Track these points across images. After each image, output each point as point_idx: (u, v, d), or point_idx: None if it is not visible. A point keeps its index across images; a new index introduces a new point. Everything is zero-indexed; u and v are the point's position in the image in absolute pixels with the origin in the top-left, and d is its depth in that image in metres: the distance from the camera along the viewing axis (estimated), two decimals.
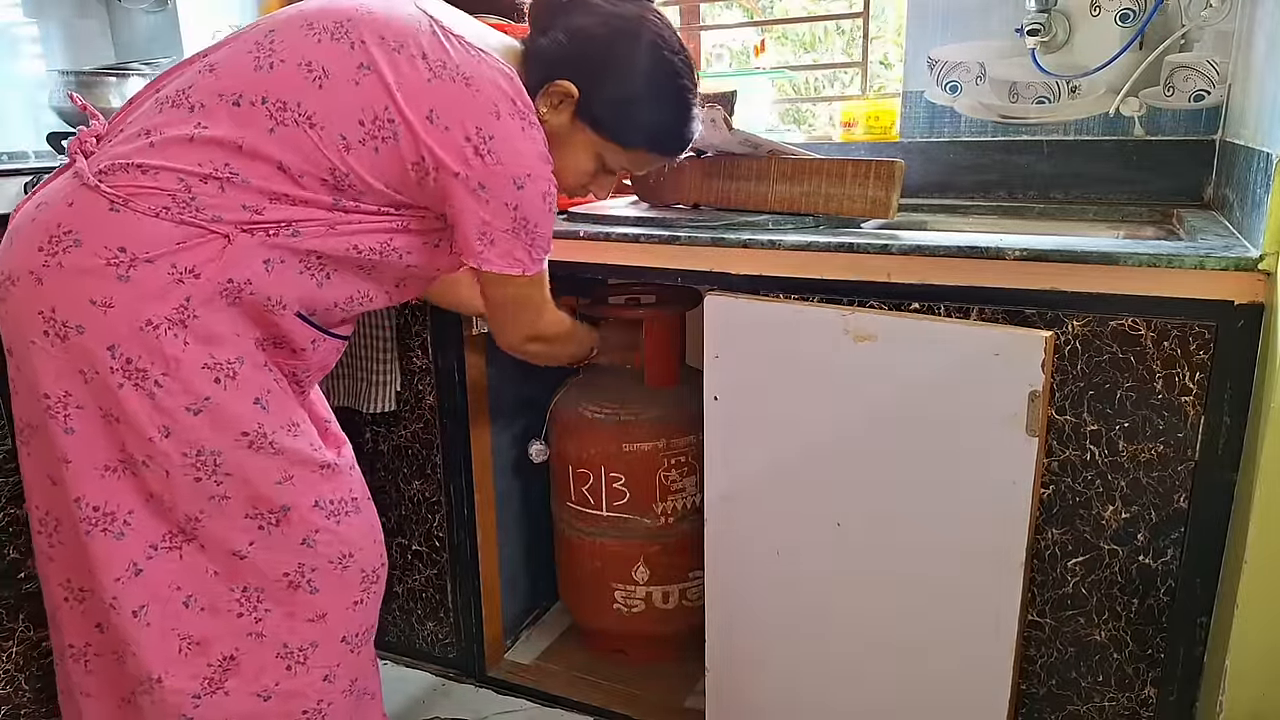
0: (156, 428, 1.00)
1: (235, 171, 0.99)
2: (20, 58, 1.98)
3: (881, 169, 1.32)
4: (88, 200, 0.97)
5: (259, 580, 1.09)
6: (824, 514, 1.26)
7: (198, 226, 0.98)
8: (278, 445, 1.06)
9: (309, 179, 1.01)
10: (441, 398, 1.58)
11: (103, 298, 0.96)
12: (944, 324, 1.14)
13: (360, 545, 1.15)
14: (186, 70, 1.07)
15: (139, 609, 1.04)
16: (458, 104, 1.01)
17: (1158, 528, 1.14)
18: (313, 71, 1.00)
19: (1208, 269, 1.03)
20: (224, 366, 1.01)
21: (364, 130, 1.00)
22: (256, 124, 0.99)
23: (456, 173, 1.02)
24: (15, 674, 1.36)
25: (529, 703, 1.69)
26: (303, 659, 1.12)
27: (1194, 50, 1.51)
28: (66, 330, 0.97)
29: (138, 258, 0.96)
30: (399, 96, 1.00)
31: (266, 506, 1.07)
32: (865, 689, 1.30)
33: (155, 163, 0.98)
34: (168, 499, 1.03)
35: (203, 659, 1.07)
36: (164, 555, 1.05)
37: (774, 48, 2.15)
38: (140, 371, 0.98)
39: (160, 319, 0.97)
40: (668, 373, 1.63)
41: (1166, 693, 1.18)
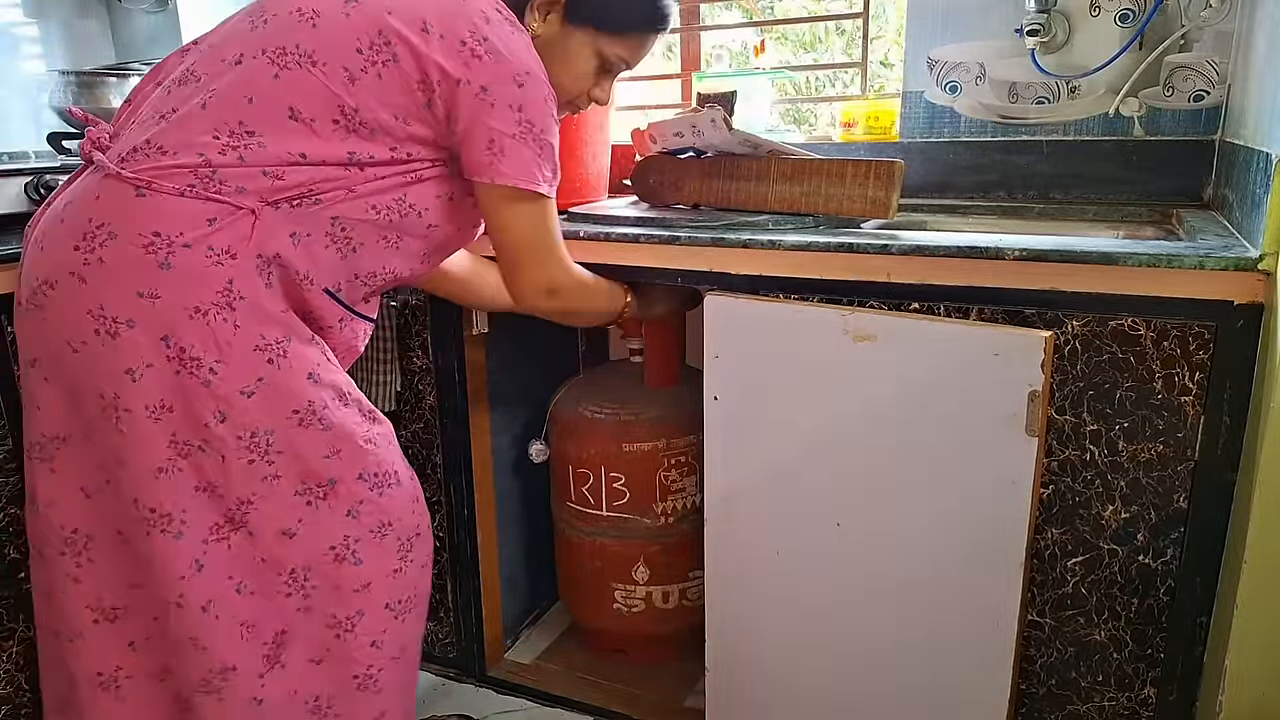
0: (212, 413, 1.00)
1: (250, 130, 1.00)
2: (20, 58, 1.98)
3: (881, 169, 1.32)
4: (113, 190, 0.98)
5: (305, 559, 1.09)
6: (824, 514, 1.26)
7: (223, 202, 0.98)
8: (326, 420, 1.07)
9: (320, 122, 1.02)
10: (441, 398, 1.58)
11: (149, 289, 0.96)
12: (944, 324, 1.15)
13: (399, 515, 1.16)
14: (186, 57, 1.10)
15: (207, 604, 1.05)
16: (448, 12, 1.04)
17: (1158, 528, 1.14)
18: (304, 15, 1.04)
19: (1207, 269, 1.03)
20: (274, 346, 1.02)
21: (364, 58, 1.02)
22: (261, 73, 1.01)
23: (458, 79, 1.04)
24: (15, 674, 1.36)
25: (529, 703, 1.70)
26: (350, 626, 1.13)
27: (1194, 50, 1.51)
28: (117, 326, 0.96)
29: (174, 242, 0.96)
30: (390, 17, 1.03)
31: (315, 481, 1.08)
32: (865, 689, 1.30)
33: (173, 141, 0.99)
34: (220, 485, 1.03)
35: (258, 639, 1.09)
36: (214, 546, 1.05)
37: (774, 48, 2.15)
38: (194, 360, 0.98)
39: (208, 304, 0.98)
40: (668, 373, 1.64)
41: (1166, 693, 1.18)
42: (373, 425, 1.14)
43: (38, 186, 1.49)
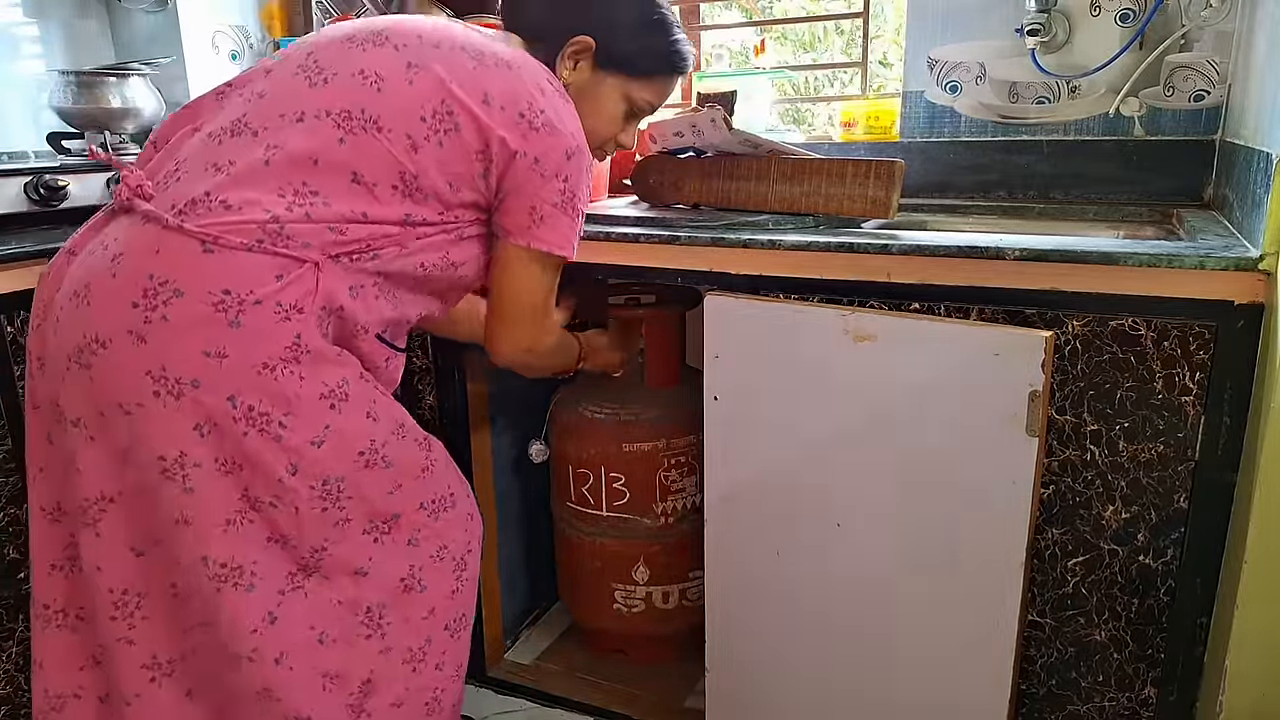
0: (285, 467, 0.99)
1: (315, 190, 0.99)
2: (20, 58, 1.97)
3: (881, 169, 1.32)
4: (177, 245, 0.94)
5: (380, 595, 1.11)
6: (824, 514, 1.26)
7: (290, 256, 0.97)
8: (388, 457, 1.08)
9: (381, 187, 1.02)
10: (441, 398, 1.58)
11: (216, 348, 0.93)
12: (944, 324, 1.14)
13: (453, 536, 1.18)
14: (222, 104, 1.08)
15: (280, 656, 1.03)
16: (506, 85, 1.07)
17: (1158, 528, 1.14)
18: (368, 78, 1.03)
19: (1208, 269, 1.03)
20: (337, 391, 1.02)
21: (427, 126, 1.03)
22: (326, 135, 1.00)
23: (516, 151, 1.06)
24: (15, 674, 1.36)
25: (529, 703, 1.69)
26: (422, 656, 1.16)
27: (1194, 50, 1.51)
28: (180, 387, 0.93)
29: (245, 299, 0.94)
30: (453, 86, 1.04)
31: (380, 518, 1.09)
32: (865, 689, 1.30)
33: (237, 196, 0.97)
34: (294, 536, 1.03)
35: (344, 690, 1.09)
36: (291, 596, 1.05)
37: (773, 48, 2.15)
38: (263, 416, 0.96)
39: (275, 360, 0.96)
40: (668, 373, 1.64)
41: (1166, 693, 1.18)
42: (429, 451, 1.15)
43: (37, 186, 1.49)
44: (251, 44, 2.17)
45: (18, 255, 1.30)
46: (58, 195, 1.52)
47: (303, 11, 2.25)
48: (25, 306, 1.31)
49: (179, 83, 2.03)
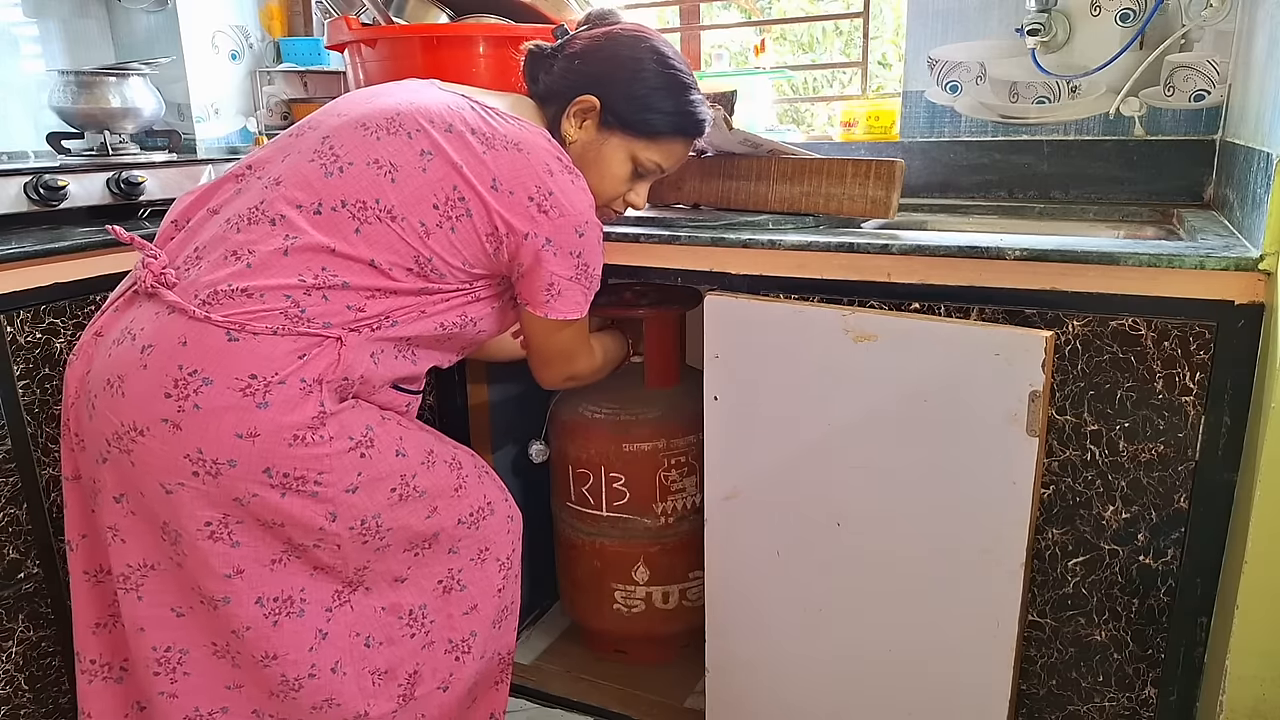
0: (324, 517, 1.05)
1: (334, 274, 1.03)
2: (20, 58, 1.97)
3: (881, 169, 1.32)
4: (201, 334, 0.98)
5: (419, 597, 1.19)
6: (824, 514, 1.26)
7: (313, 335, 1.02)
8: (420, 487, 1.14)
9: (398, 270, 1.06)
10: (441, 398, 1.58)
11: (247, 430, 0.98)
12: (944, 324, 1.14)
13: (494, 540, 1.25)
14: (241, 186, 1.11)
15: (335, 665, 1.12)
16: (515, 169, 1.09)
17: (1158, 528, 1.14)
18: (381, 167, 1.07)
19: (1208, 269, 1.03)
20: (364, 439, 1.07)
21: (439, 214, 1.07)
22: (343, 226, 1.04)
23: (525, 233, 1.10)
24: (15, 674, 1.36)
25: (529, 703, 1.70)
26: (467, 649, 1.24)
27: (1194, 50, 1.51)
28: (218, 467, 0.99)
29: (270, 381, 0.99)
30: (465, 171, 1.07)
31: (420, 539, 1.17)
32: (865, 689, 1.30)
33: (259, 284, 1.00)
34: (338, 565, 1.11)
35: (394, 683, 1.18)
36: (338, 611, 1.13)
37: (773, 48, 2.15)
38: (299, 479, 1.02)
39: (303, 429, 1.01)
40: (668, 373, 1.63)
41: (1166, 693, 1.18)
42: (459, 470, 1.20)
43: (37, 186, 1.49)
44: (251, 44, 2.17)
45: (17, 255, 1.30)
46: (57, 195, 1.52)
47: (303, 11, 2.26)
48: (25, 306, 1.31)
49: (179, 83, 2.03)
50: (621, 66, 1.19)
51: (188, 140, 2.05)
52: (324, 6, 1.72)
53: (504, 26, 1.47)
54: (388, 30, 1.49)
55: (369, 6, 1.50)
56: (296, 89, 2.25)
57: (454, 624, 1.23)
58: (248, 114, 2.18)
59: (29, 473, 1.33)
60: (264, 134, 2.16)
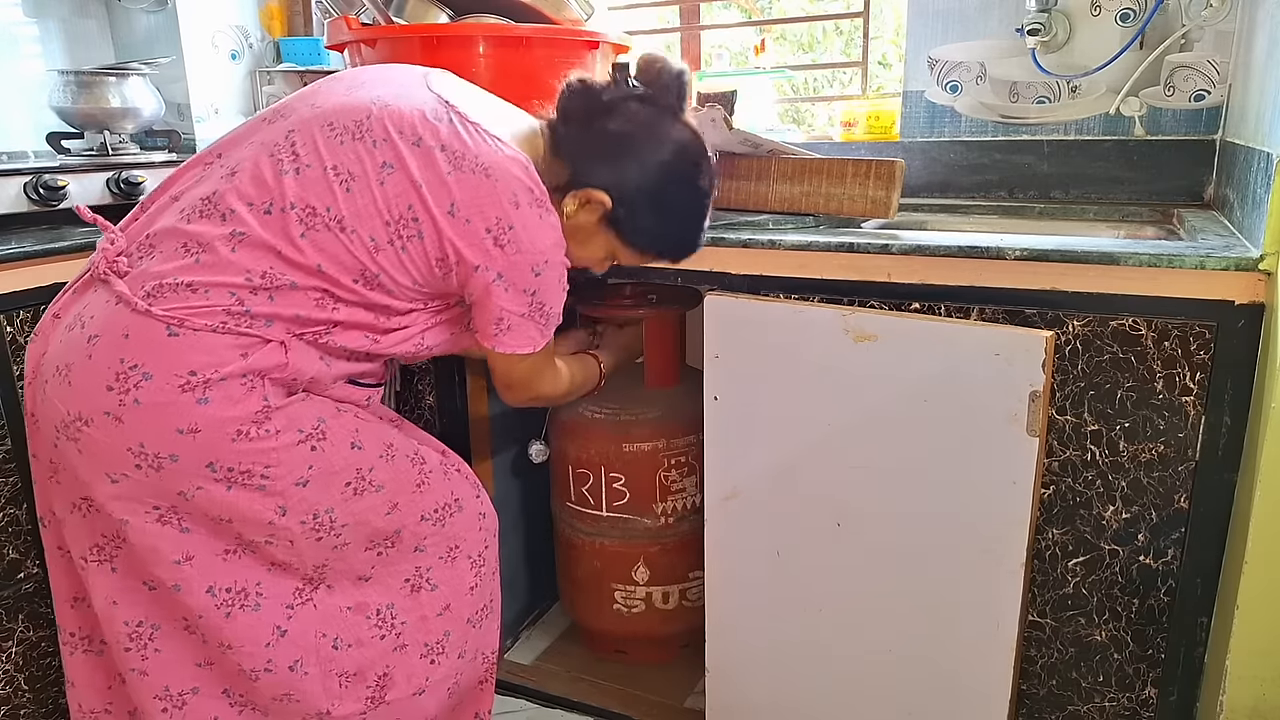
0: (273, 510, 1.03)
1: (280, 275, 1.00)
2: (20, 58, 1.97)
3: (882, 169, 1.32)
4: (143, 327, 0.97)
5: (386, 596, 1.17)
6: (824, 514, 1.26)
7: (255, 336, 1.00)
8: (378, 481, 1.11)
9: (344, 279, 1.03)
10: (441, 398, 1.58)
11: (188, 425, 0.97)
12: (944, 324, 1.14)
13: (463, 537, 1.22)
14: (204, 173, 1.08)
15: (295, 663, 1.10)
16: (478, 196, 1.04)
17: (1158, 528, 1.14)
18: (339, 175, 1.02)
19: (1208, 269, 1.03)
20: (314, 433, 1.05)
21: (390, 231, 1.03)
22: (289, 229, 1.01)
23: (476, 265, 1.05)
24: (15, 674, 1.36)
25: (529, 703, 1.69)
26: (441, 649, 1.21)
27: (1194, 50, 1.51)
28: (160, 461, 0.98)
29: (210, 378, 0.97)
30: (423, 190, 1.03)
31: (381, 537, 1.14)
32: (865, 689, 1.30)
33: (203, 279, 0.98)
34: (295, 561, 1.08)
35: (361, 684, 1.16)
36: (301, 610, 1.11)
37: (773, 48, 2.15)
38: (244, 472, 1.00)
39: (247, 424, 0.99)
40: (668, 373, 1.63)
41: (1167, 693, 1.18)
42: (422, 465, 1.17)
43: (37, 186, 1.49)
44: (251, 44, 2.17)
45: (17, 255, 1.30)
46: (57, 195, 1.52)
47: (303, 11, 2.25)
48: (25, 306, 1.32)
49: (178, 83, 2.03)
50: (650, 181, 1.13)
51: (188, 140, 2.05)
52: (324, 6, 1.72)
53: (504, 26, 1.47)
54: (388, 30, 1.49)
55: (369, 6, 1.50)
56: (296, 89, 2.25)
57: (428, 626, 1.20)
58: (248, 114, 2.18)
59: (29, 473, 1.32)
60: None
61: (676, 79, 1.15)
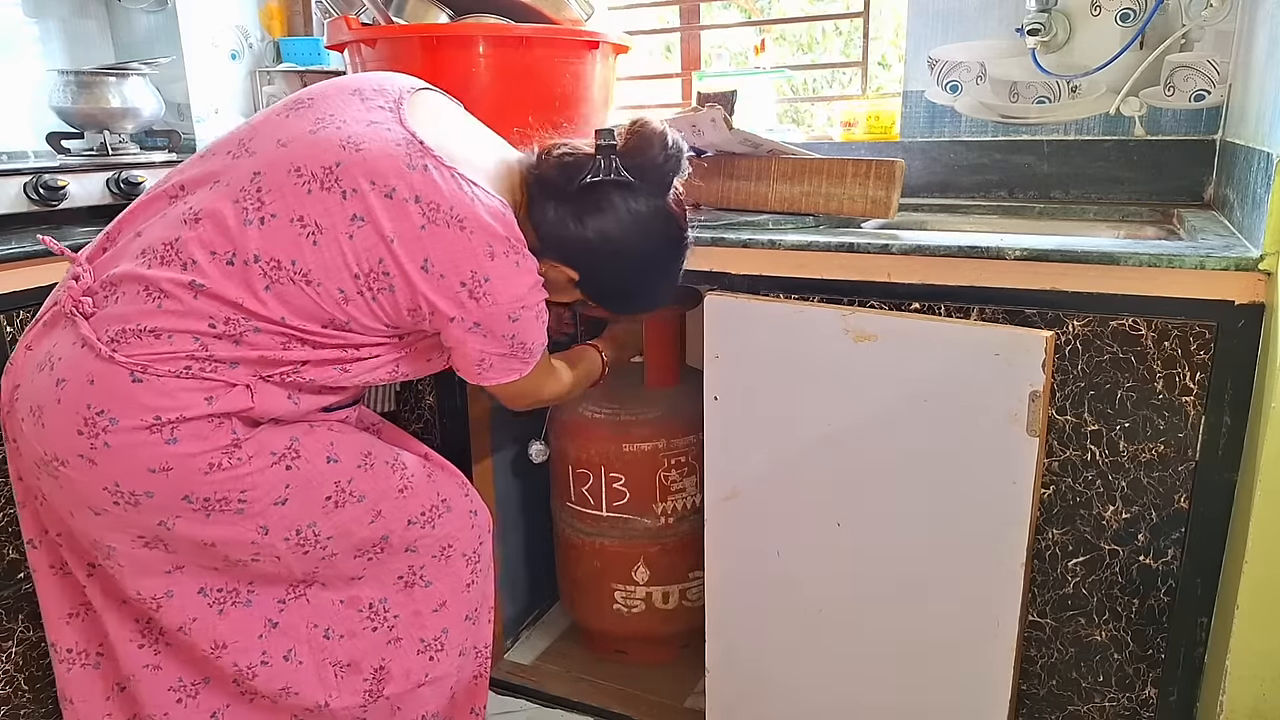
0: (254, 530, 1.04)
1: (243, 321, 0.99)
2: (20, 58, 1.97)
3: (881, 169, 1.32)
4: (106, 373, 0.96)
5: (379, 591, 1.18)
6: (824, 514, 1.25)
7: (219, 380, 0.99)
8: (358, 491, 1.10)
9: (311, 326, 1.02)
10: (441, 397, 1.58)
11: (159, 464, 0.97)
12: (944, 324, 1.14)
13: (456, 536, 1.22)
14: (167, 209, 1.04)
15: (288, 653, 1.12)
16: (452, 250, 1.00)
17: (1158, 528, 1.14)
18: (306, 227, 0.99)
19: (1208, 269, 1.03)
20: (288, 453, 1.05)
21: (360, 284, 1.00)
22: (253, 282, 0.98)
23: (452, 317, 1.03)
24: (15, 674, 1.36)
25: (529, 703, 1.69)
26: (440, 646, 1.22)
27: (1194, 50, 1.51)
28: (136, 498, 0.99)
29: (176, 421, 0.97)
30: (394, 246, 0.99)
31: (369, 544, 1.14)
32: (865, 689, 1.30)
33: (166, 326, 0.97)
34: (283, 573, 1.10)
35: (357, 676, 1.17)
36: (292, 604, 1.13)
37: (772, 48, 2.15)
38: (221, 500, 1.01)
39: (218, 457, 0.99)
40: (668, 373, 1.63)
41: (1167, 693, 1.18)
42: (403, 470, 1.16)
43: (37, 186, 1.49)
44: (251, 44, 2.17)
45: (17, 255, 1.30)
46: (57, 195, 1.52)
47: (303, 11, 2.26)
48: (25, 306, 1.32)
49: (179, 83, 2.03)
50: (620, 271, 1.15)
51: (187, 140, 2.05)
52: (324, 6, 1.72)
53: (504, 26, 1.47)
54: (387, 30, 1.49)
55: (369, 6, 1.50)
56: (296, 89, 2.25)
57: (423, 622, 1.20)
58: (248, 114, 2.18)
59: None
60: None
61: (665, 166, 1.11)
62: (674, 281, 1.22)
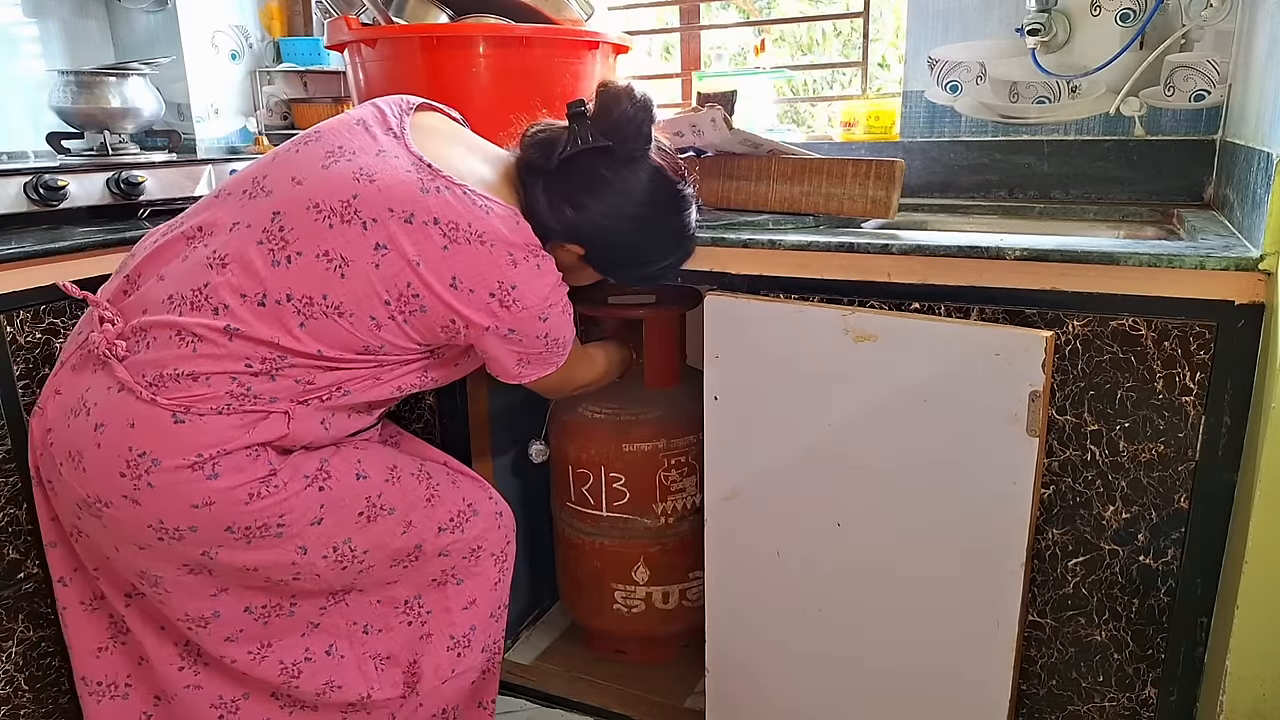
0: (294, 551, 1.07)
1: (280, 357, 1.01)
2: (20, 58, 1.97)
3: (882, 169, 1.32)
4: (148, 416, 0.98)
5: (413, 590, 1.23)
6: (824, 514, 1.26)
7: (259, 411, 1.02)
8: (389, 504, 1.14)
9: (346, 355, 1.05)
10: (441, 398, 1.58)
11: (203, 499, 0.99)
12: (944, 324, 1.14)
13: (485, 538, 1.27)
14: (188, 250, 1.05)
15: (330, 648, 1.18)
16: (476, 265, 1.04)
17: (1158, 528, 1.14)
18: (332, 260, 1.02)
19: (1208, 269, 1.03)
20: (319, 474, 1.08)
21: (391, 309, 1.03)
22: (287, 320, 1.01)
23: (486, 327, 1.07)
24: (15, 674, 1.36)
25: (529, 703, 1.69)
26: (468, 643, 1.27)
27: (1194, 50, 1.51)
28: (180, 533, 1.01)
29: (217, 455, 0.99)
30: (421, 269, 1.02)
31: (404, 554, 1.19)
32: (865, 689, 1.30)
33: (204, 369, 0.99)
34: (324, 587, 1.15)
35: (396, 669, 1.22)
36: (333, 608, 1.18)
37: (772, 49, 2.15)
38: (261, 527, 1.04)
39: (257, 487, 1.02)
40: (668, 373, 1.63)
41: (1167, 693, 1.18)
42: (429, 479, 1.20)
43: (37, 186, 1.49)
44: (251, 44, 2.17)
45: (17, 255, 1.30)
46: (57, 195, 1.52)
47: (303, 11, 2.26)
48: (25, 306, 1.31)
49: (179, 83, 2.03)
50: (620, 233, 1.15)
51: (188, 140, 2.05)
52: (324, 6, 1.72)
53: (504, 26, 1.47)
54: (388, 30, 1.49)
55: (369, 6, 1.50)
56: (296, 89, 2.25)
57: (453, 619, 1.24)
58: (247, 114, 2.18)
59: (28, 474, 1.32)
60: (263, 134, 2.16)
61: (635, 119, 1.12)
62: (685, 235, 1.22)
